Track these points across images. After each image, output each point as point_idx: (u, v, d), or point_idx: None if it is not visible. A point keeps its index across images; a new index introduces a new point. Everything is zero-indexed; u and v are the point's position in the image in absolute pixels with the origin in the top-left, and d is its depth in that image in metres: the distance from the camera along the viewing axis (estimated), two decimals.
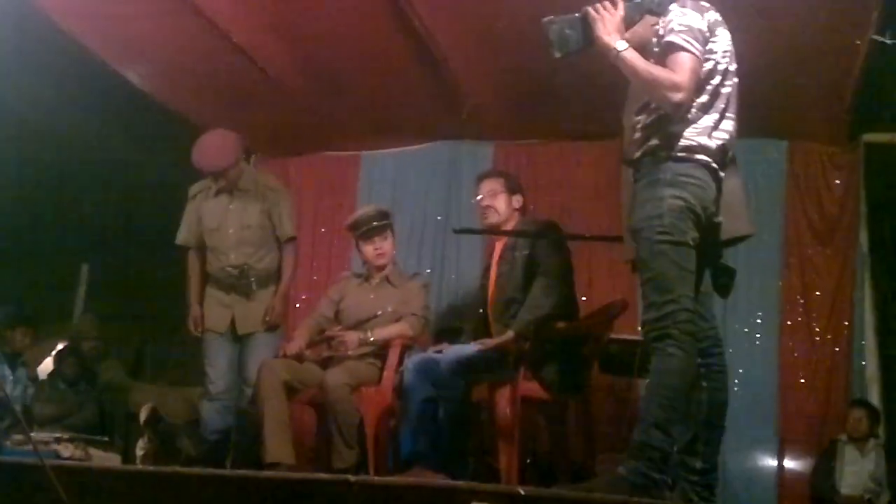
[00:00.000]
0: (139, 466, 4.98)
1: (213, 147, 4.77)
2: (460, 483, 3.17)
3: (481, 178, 4.62)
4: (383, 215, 4.79)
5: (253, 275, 4.79)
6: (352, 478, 2.93)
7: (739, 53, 3.19)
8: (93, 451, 5.42)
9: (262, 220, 4.85)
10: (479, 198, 4.48)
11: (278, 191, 4.97)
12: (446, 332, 5.10)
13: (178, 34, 4.85)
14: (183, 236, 4.98)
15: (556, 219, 4.74)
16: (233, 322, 4.80)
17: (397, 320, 4.59)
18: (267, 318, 4.76)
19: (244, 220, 4.83)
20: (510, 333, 4.04)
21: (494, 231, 4.45)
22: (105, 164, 6.58)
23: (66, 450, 5.20)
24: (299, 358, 4.58)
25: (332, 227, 6.26)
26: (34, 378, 6.22)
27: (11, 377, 6.22)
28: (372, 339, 4.51)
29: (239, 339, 4.82)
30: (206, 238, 4.89)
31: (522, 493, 2.64)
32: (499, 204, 4.40)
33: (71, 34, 4.85)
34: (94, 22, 4.78)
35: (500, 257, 4.34)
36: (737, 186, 3.34)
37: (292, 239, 4.93)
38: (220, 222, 4.86)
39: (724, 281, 3.30)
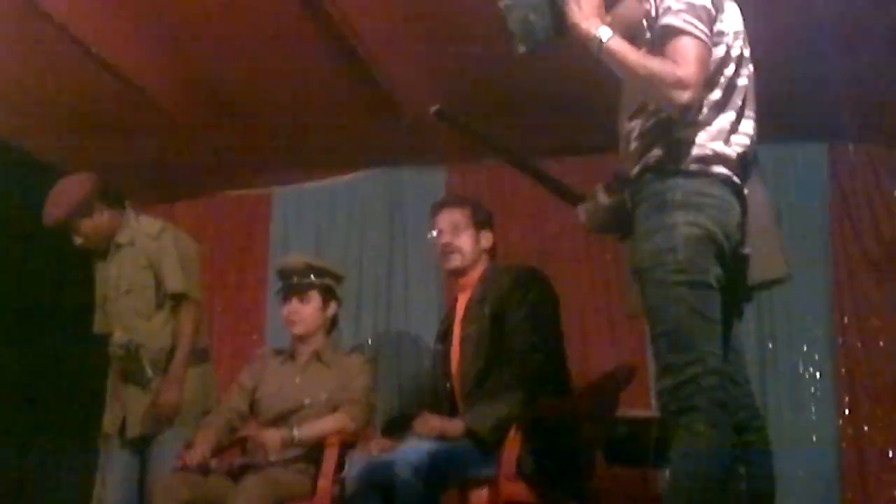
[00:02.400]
0: None
1: (53, 195, 4.84)
2: None
3: (439, 206, 4.62)
4: (308, 270, 4.82)
5: (144, 355, 4.76)
6: None
7: (761, 33, 3.26)
8: None
9: (145, 279, 4.85)
10: (434, 234, 4.48)
11: (160, 236, 4.95)
12: (396, 422, 5.09)
13: (19, 43, 4.85)
14: (95, 321, 5.04)
15: (532, 262, 4.75)
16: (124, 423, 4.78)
17: (333, 410, 4.58)
18: (155, 412, 4.71)
19: (123, 284, 4.86)
20: (458, 425, 4.04)
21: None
22: None
23: None
24: (203, 469, 4.52)
25: (238, 289, 6.25)
26: None
27: None
28: (299, 437, 4.47)
29: (144, 450, 4.79)
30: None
31: None
32: (463, 242, 4.41)
33: None
34: None
35: (466, 314, 4.34)
36: (763, 206, 3.35)
37: (183, 297, 4.89)
38: (104, 291, 4.92)
39: None
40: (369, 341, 6.05)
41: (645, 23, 3.14)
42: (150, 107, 5.34)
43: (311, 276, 4.80)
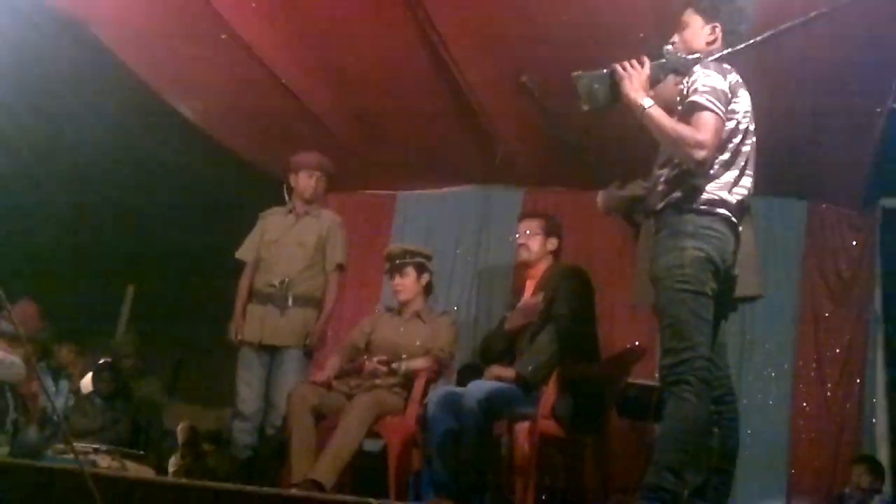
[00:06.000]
0: (172, 479, 5.01)
1: (316, 155, 5.07)
2: None
3: (522, 216, 4.70)
4: (405, 254, 4.85)
5: (292, 292, 4.84)
6: (374, 501, 2.95)
7: (761, 115, 3.22)
8: (128, 463, 5.46)
9: (317, 243, 4.96)
10: (517, 236, 4.52)
11: (339, 223, 5.10)
12: (470, 367, 5.12)
13: (233, 75, 4.99)
14: (244, 251, 5.08)
15: (581, 264, 4.74)
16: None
17: (425, 354, 4.61)
18: (306, 342, 4.80)
19: (302, 238, 4.95)
20: (511, 371, 4.09)
21: None
22: (153, 196, 6.67)
23: (104, 461, 5.24)
24: (328, 385, 4.59)
25: (365, 263, 6.31)
26: (76, 391, 6.30)
27: (55, 389, 6.31)
28: (400, 369, 4.52)
29: (270, 358, 4.85)
30: (262, 251, 5.00)
31: None
32: (533, 244, 4.44)
33: (136, 73, 5.05)
34: (156, 60, 5.01)
35: (532, 295, 4.36)
36: (750, 242, 3.35)
37: (340, 267, 5.01)
38: (279, 235, 4.99)
39: None
40: (455, 308, 6.08)
41: (678, 99, 3.13)
42: (314, 123, 5.44)
43: (407, 257, 4.82)
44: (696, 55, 3.16)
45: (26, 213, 6.16)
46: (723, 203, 3.05)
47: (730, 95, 3.07)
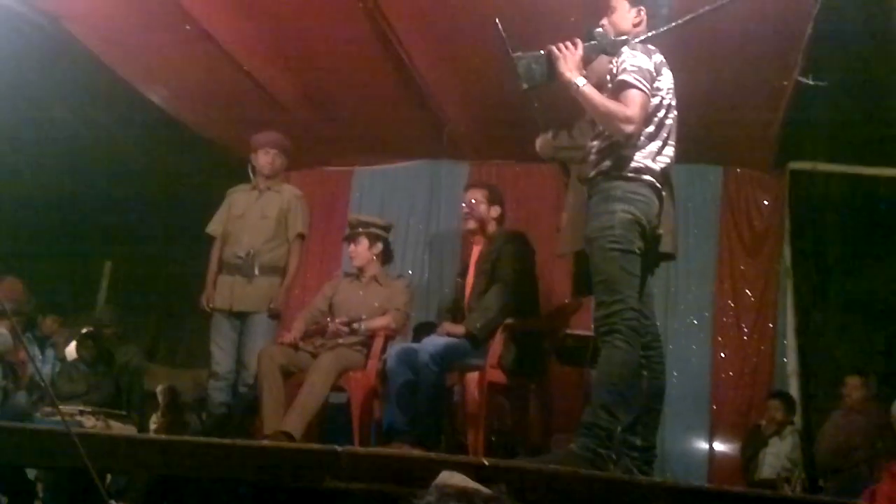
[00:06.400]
0: (153, 435, 4.96)
1: (270, 133, 4.95)
2: (433, 455, 3.22)
3: (468, 187, 4.67)
4: (359, 224, 4.82)
5: (257, 262, 4.76)
6: (339, 448, 2.95)
7: (681, 90, 3.24)
8: (112, 423, 5.41)
9: (279, 216, 4.86)
10: (463, 205, 4.52)
11: (298, 196, 5.01)
12: (423, 325, 5.13)
13: (196, 62, 4.90)
14: (213, 226, 4.97)
15: (522, 229, 4.76)
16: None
17: (382, 314, 4.59)
18: (271, 305, 4.76)
19: (265, 212, 4.86)
20: (461, 328, 4.10)
21: None
22: (126, 178, 6.55)
23: (89, 421, 5.18)
24: (294, 346, 4.56)
25: (326, 234, 6.26)
26: (61, 358, 6.21)
27: (41, 357, 6.21)
28: (360, 329, 4.51)
29: (240, 323, 4.78)
30: (229, 225, 4.89)
31: (486, 463, 2.68)
32: (478, 212, 4.42)
33: (106, 63, 4.96)
34: (124, 50, 4.91)
35: (479, 259, 4.37)
36: (669, 203, 3.35)
37: (301, 236, 4.94)
38: (244, 210, 4.89)
39: None
40: (409, 272, 6.08)
41: (608, 76, 3.14)
42: (275, 106, 5.36)
43: (359, 227, 4.77)
44: (624, 37, 3.17)
45: (12, 198, 6.02)
46: (648, 170, 3.07)
47: (654, 74, 3.09)
